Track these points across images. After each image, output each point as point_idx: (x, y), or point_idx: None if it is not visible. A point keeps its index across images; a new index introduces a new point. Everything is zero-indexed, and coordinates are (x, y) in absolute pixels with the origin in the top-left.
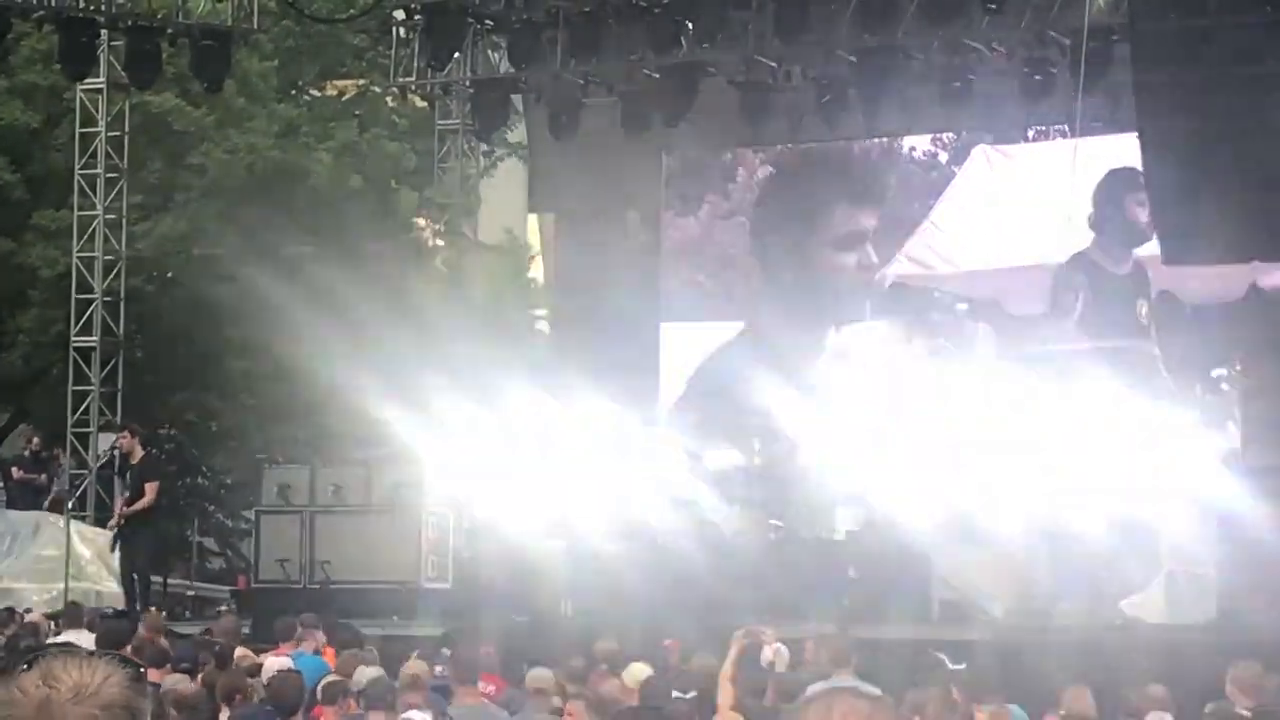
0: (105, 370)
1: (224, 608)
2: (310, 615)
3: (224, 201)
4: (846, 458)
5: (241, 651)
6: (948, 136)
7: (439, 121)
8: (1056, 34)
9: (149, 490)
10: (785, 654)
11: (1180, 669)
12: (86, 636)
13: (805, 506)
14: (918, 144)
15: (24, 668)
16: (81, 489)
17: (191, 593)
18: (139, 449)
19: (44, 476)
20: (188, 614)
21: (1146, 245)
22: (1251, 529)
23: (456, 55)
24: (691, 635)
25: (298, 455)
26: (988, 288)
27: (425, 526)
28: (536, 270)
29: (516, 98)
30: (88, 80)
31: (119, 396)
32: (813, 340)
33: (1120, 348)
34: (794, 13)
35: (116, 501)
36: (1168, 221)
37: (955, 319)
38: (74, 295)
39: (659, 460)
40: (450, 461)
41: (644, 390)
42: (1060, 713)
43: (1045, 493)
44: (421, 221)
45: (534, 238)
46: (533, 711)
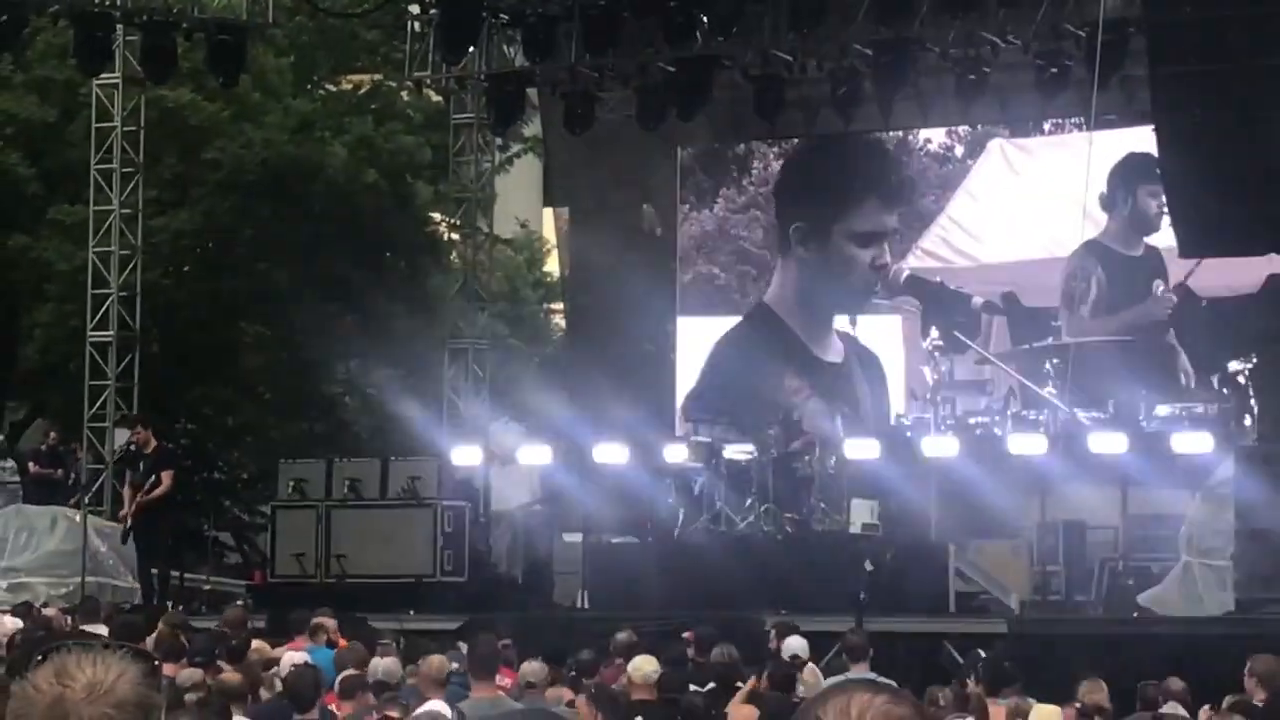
0: (122, 365)
1: (240, 602)
2: (325, 609)
3: (240, 196)
4: (862, 451)
5: (257, 645)
6: (963, 130)
7: (454, 116)
8: (1072, 27)
9: (165, 479)
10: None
11: (1198, 662)
12: (103, 630)
13: (821, 500)
14: (933, 137)
15: (39, 659)
16: (98, 484)
17: (208, 587)
18: (153, 440)
19: (60, 471)
20: (204, 608)
21: (1158, 235)
22: (1269, 521)
23: (471, 49)
24: (707, 628)
25: (314, 449)
26: (1003, 280)
27: (441, 520)
28: (552, 264)
29: (532, 91)
30: (103, 75)
31: (135, 391)
32: (825, 310)
33: (1135, 340)
34: (809, 6)
35: (125, 494)
36: (1184, 214)
37: (970, 311)
38: (90, 290)
39: (675, 452)
40: (466, 455)
41: (660, 384)
42: (1076, 705)
43: (1063, 484)
44: (437, 216)
45: (549, 232)
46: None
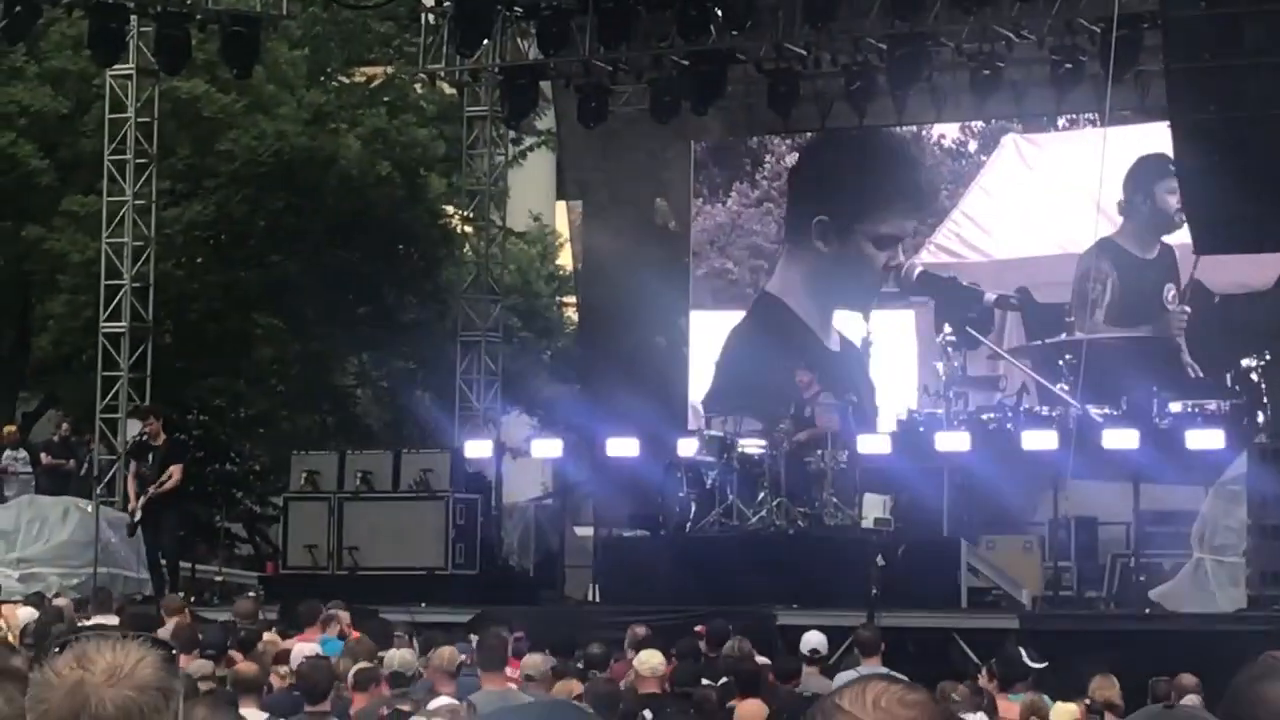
0: (134, 356)
1: (251, 593)
2: (337, 601)
3: (253, 187)
4: (874, 445)
5: (269, 637)
6: (977, 125)
7: (467, 108)
8: (1086, 22)
9: (175, 473)
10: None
11: (1209, 658)
12: (115, 621)
13: (833, 494)
14: (946, 132)
15: (57, 651)
16: (110, 474)
17: (220, 578)
18: (162, 432)
19: (72, 461)
20: (215, 599)
21: (1176, 233)
22: None
23: (485, 42)
24: (719, 622)
25: (326, 441)
26: (1016, 277)
27: (453, 513)
28: (564, 258)
29: (545, 85)
30: (117, 66)
31: (148, 382)
32: (831, 302)
33: (1150, 335)
34: (823, 0)
35: (130, 486)
36: (1199, 210)
37: (984, 307)
38: (103, 281)
39: (687, 446)
40: (478, 448)
41: (673, 377)
42: (1086, 701)
43: (1074, 480)
44: (449, 208)
45: (562, 225)
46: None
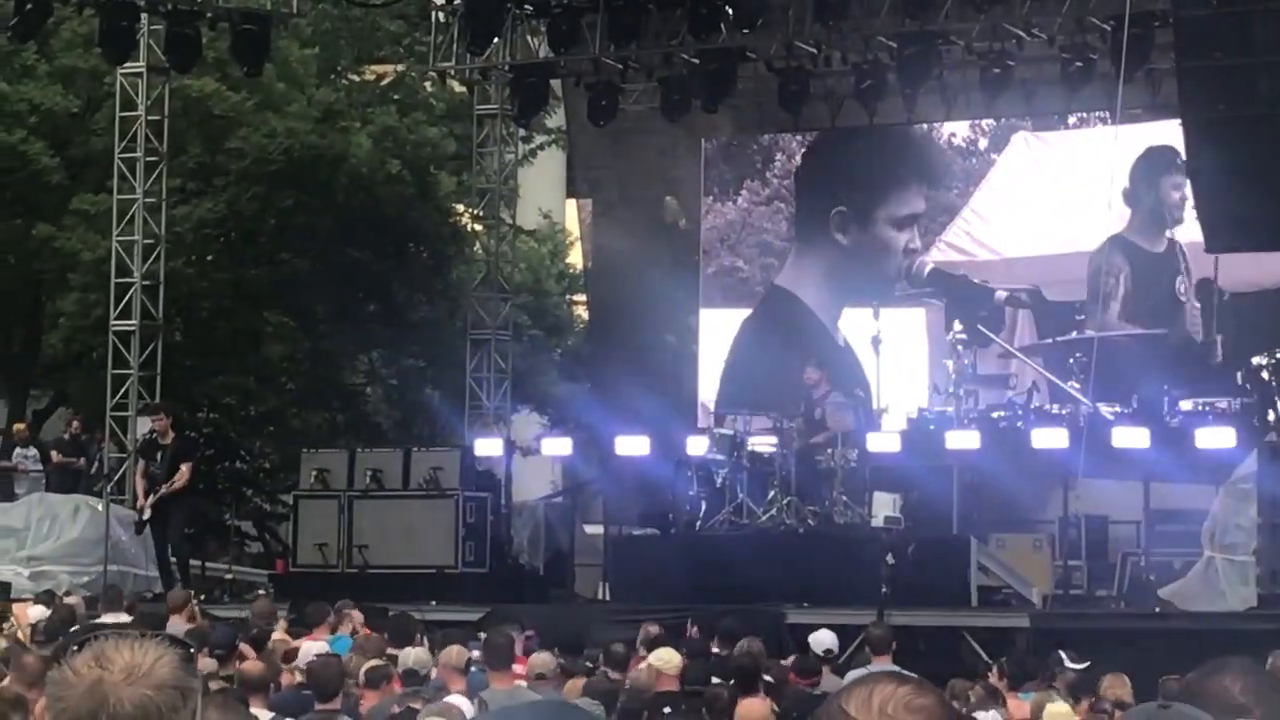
0: (144, 354)
1: (262, 591)
2: (346, 600)
3: (263, 185)
4: (884, 444)
5: (278, 636)
6: (987, 123)
7: (477, 106)
8: (1097, 20)
9: (185, 471)
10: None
11: (1220, 657)
12: (125, 619)
13: (843, 493)
14: (957, 130)
15: (75, 649)
16: (120, 472)
17: (230, 576)
18: (172, 430)
19: (83, 459)
20: (226, 597)
21: (1181, 228)
22: None
23: (496, 40)
24: (729, 621)
25: (336, 439)
26: (1028, 274)
27: (463, 511)
28: (574, 256)
29: (555, 83)
30: (128, 64)
31: (158, 380)
32: (843, 298)
33: (1160, 333)
34: None
35: (139, 484)
36: (1211, 209)
37: (995, 305)
38: (113, 279)
39: (697, 444)
40: (488, 446)
41: (683, 376)
42: (1092, 699)
43: (1085, 478)
44: (460, 207)
45: (572, 223)
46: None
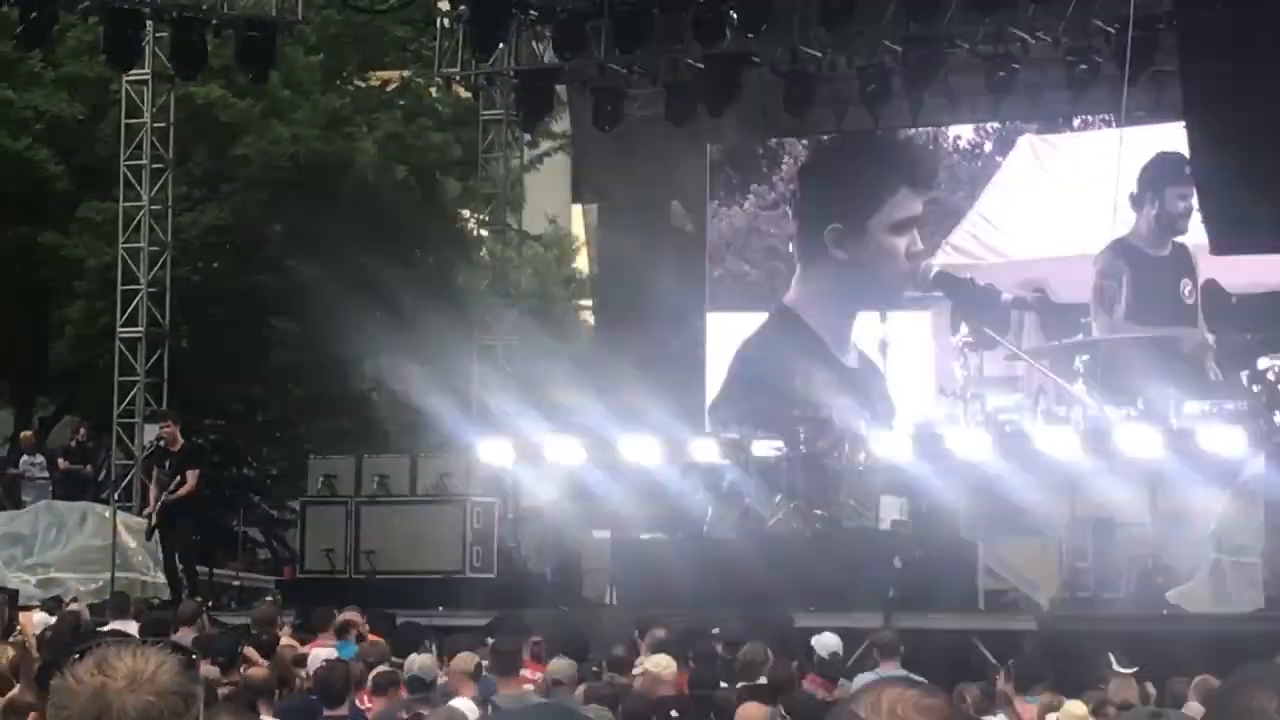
0: (151, 361)
1: (269, 598)
2: (352, 607)
3: (269, 192)
4: (892, 447)
5: (286, 641)
6: (992, 126)
7: (483, 112)
8: (1101, 23)
9: (190, 478)
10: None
11: (1227, 659)
12: (133, 626)
13: (850, 496)
14: (962, 133)
15: (77, 657)
16: (127, 479)
17: (237, 583)
18: (180, 437)
19: (89, 467)
20: (233, 604)
21: (1186, 234)
22: None
23: (501, 45)
24: (737, 625)
25: (343, 446)
26: (1033, 277)
27: (470, 517)
28: (581, 261)
29: (561, 88)
30: (133, 71)
31: (165, 387)
32: (849, 314)
33: (1167, 336)
34: (838, 2)
35: (150, 491)
36: (1216, 211)
37: (1001, 307)
38: (120, 286)
39: (704, 449)
40: (495, 452)
41: (690, 380)
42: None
43: (1092, 482)
44: (466, 212)
45: (578, 228)
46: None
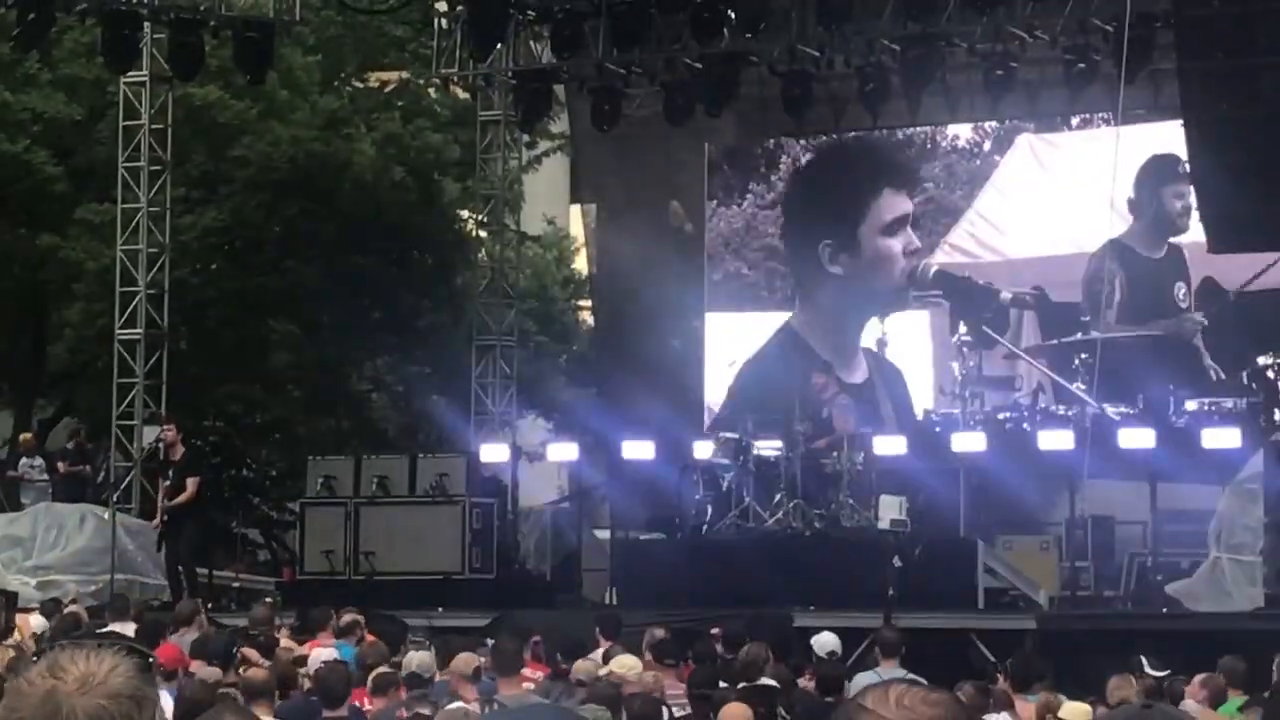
0: (150, 363)
1: (268, 599)
2: (350, 608)
3: (267, 193)
4: (891, 447)
5: (286, 643)
6: (991, 125)
7: (481, 113)
8: (1099, 22)
9: (190, 485)
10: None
11: (1227, 657)
12: (132, 628)
13: (849, 496)
14: (961, 133)
15: (34, 660)
16: (126, 481)
17: (237, 584)
18: (180, 444)
19: (88, 468)
20: (233, 605)
21: (1182, 235)
22: None
23: (499, 46)
24: (736, 624)
25: (342, 447)
26: (1031, 276)
27: (469, 517)
28: (580, 262)
29: (559, 88)
30: (131, 73)
31: (164, 389)
32: (854, 330)
33: (1165, 334)
34: (836, 2)
35: (159, 496)
36: (1214, 209)
37: (999, 306)
38: (118, 288)
39: (704, 449)
40: (494, 452)
41: (689, 380)
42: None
43: (1091, 479)
44: (464, 213)
45: (577, 229)
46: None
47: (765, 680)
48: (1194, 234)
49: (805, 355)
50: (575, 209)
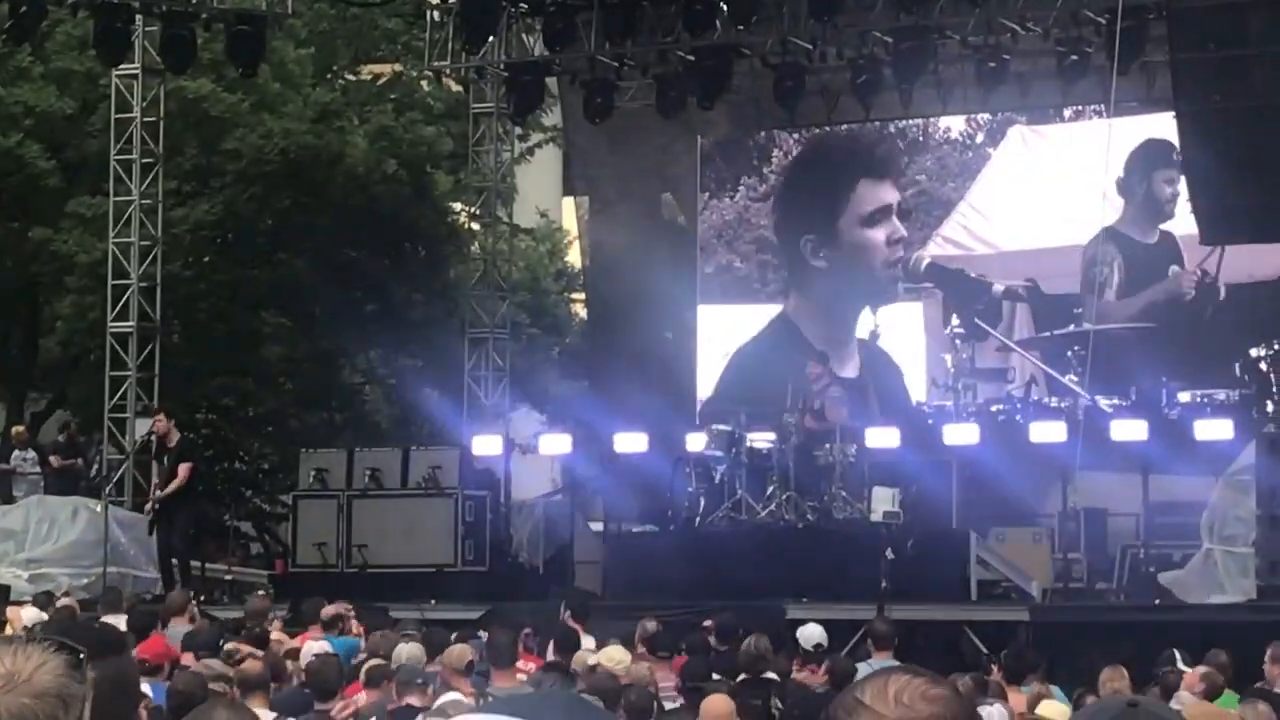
0: (142, 355)
1: (261, 592)
2: (340, 602)
3: (260, 186)
4: (883, 439)
5: (277, 635)
6: (983, 117)
7: (473, 105)
8: (1091, 13)
9: (182, 472)
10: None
11: (1220, 648)
12: (124, 621)
13: (842, 488)
14: (953, 124)
15: None
16: (119, 474)
17: (229, 577)
18: (174, 432)
19: (81, 461)
20: (225, 598)
21: (1176, 222)
22: None
23: (491, 38)
24: (729, 617)
25: (334, 439)
26: (1024, 268)
27: (462, 510)
28: (573, 255)
29: (551, 81)
30: (123, 66)
31: (156, 382)
32: (846, 322)
33: (1157, 326)
34: None
35: (152, 486)
36: (1206, 201)
37: (992, 298)
38: (110, 281)
39: (696, 441)
40: (487, 445)
41: (682, 373)
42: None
43: (1083, 470)
44: (457, 205)
45: (570, 221)
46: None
47: (769, 674)
48: (1188, 226)
49: (799, 345)
50: (568, 201)
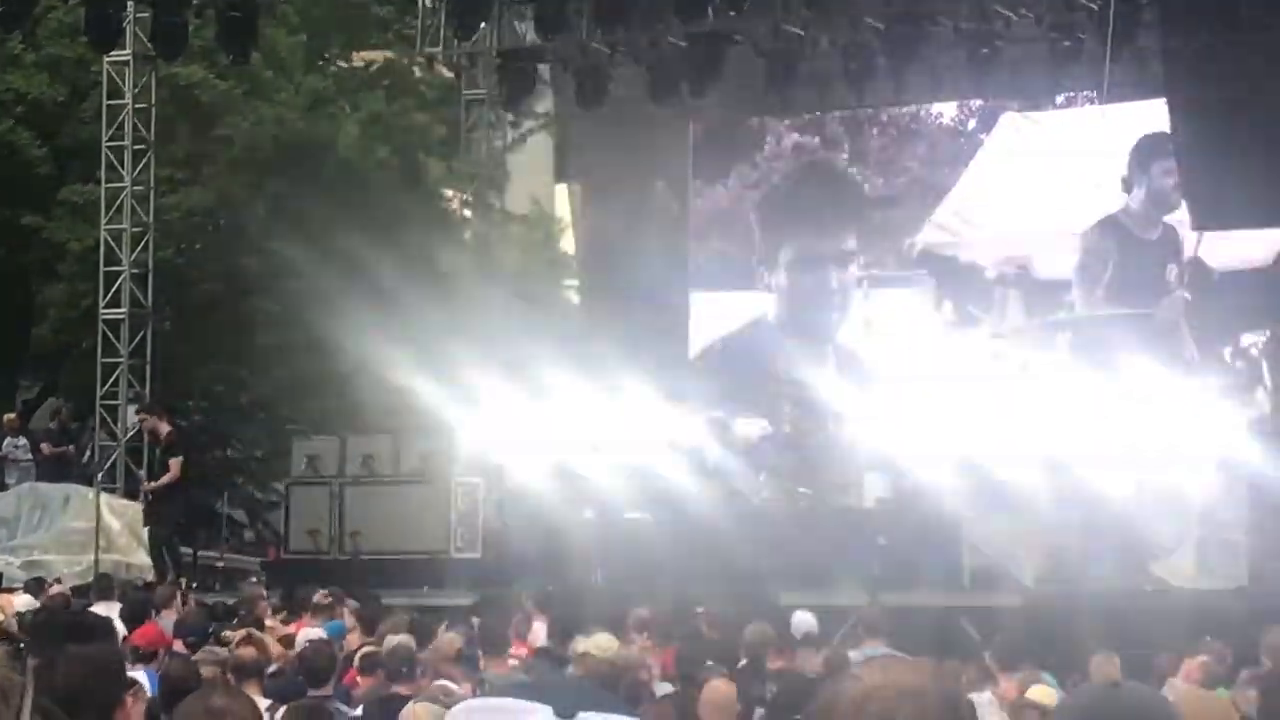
0: (134, 342)
1: (254, 579)
2: (336, 588)
3: (251, 173)
4: (876, 425)
5: (270, 623)
6: (975, 103)
7: (465, 92)
8: None
9: (173, 466)
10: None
11: (1212, 635)
12: (117, 608)
13: (834, 474)
14: (945, 111)
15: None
16: (110, 461)
17: (221, 564)
18: (163, 425)
19: (72, 448)
20: (217, 586)
21: (1177, 211)
22: None
23: (483, 25)
24: (721, 604)
25: (327, 426)
26: (1016, 253)
27: (455, 497)
28: (566, 242)
29: (544, 67)
30: (114, 53)
31: (148, 369)
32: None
33: (1149, 313)
34: None
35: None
36: (1196, 186)
37: (984, 285)
38: (102, 268)
39: (688, 429)
40: (480, 432)
41: (674, 359)
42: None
43: (1076, 458)
44: (449, 192)
45: (562, 209)
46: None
47: (773, 662)
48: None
49: (777, 341)
50: (561, 188)
